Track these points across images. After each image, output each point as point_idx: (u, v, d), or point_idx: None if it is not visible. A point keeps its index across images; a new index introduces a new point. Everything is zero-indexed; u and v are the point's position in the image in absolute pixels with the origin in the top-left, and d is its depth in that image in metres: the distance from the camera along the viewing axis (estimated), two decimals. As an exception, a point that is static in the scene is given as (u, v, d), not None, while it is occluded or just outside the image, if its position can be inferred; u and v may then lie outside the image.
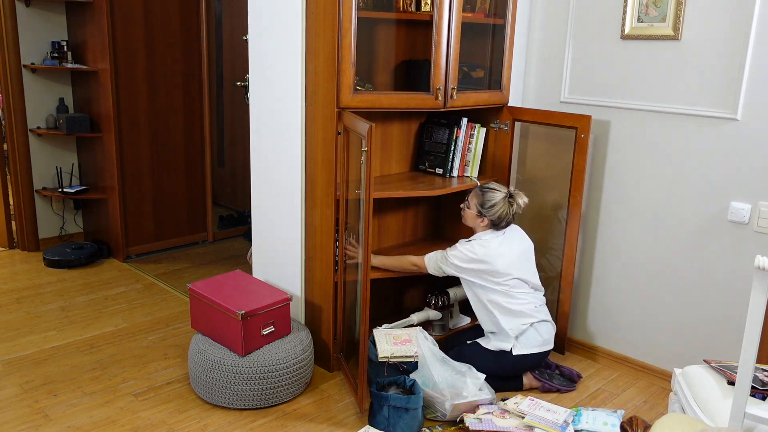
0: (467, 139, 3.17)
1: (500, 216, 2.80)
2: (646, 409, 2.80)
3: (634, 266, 3.03)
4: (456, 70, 2.86)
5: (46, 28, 4.22)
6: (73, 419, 2.56)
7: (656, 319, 2.99)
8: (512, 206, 2.81)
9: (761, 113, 2.58)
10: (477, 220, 2.85)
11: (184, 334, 3.33)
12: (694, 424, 1.85)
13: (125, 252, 4.35)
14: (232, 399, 2.63)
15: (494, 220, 2.81)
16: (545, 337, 2.84)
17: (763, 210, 2.62)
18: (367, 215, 2.39)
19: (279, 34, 2.83)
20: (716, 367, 2.19)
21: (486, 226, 2.84)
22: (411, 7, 2.84)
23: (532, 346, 2.81)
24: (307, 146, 2.83)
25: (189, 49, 4.43)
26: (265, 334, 2.68)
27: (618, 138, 3.01)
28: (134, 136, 4.26)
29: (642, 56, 2.88)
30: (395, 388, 2.62)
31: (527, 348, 2.80)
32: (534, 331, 2.82)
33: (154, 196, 4.45)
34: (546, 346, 2.85)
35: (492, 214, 2.80)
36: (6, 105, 4.22)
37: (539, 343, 2.82)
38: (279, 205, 3.02)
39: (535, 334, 2.82)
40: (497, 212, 2.80)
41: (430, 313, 3.09)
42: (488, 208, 2.80)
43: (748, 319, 1.72)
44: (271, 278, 3.15)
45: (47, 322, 3.42)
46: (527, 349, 2.80)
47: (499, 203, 2.80)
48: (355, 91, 2.66)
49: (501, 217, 2.81)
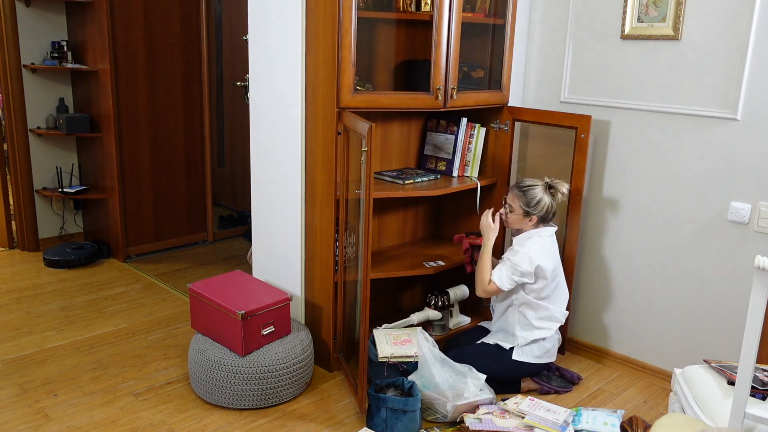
0: (467, 139, 3.17)
1: (548, 209, 2.77)
2: (646, 409, 2.80)
3: (634, 266, 3.03)
4: (456, 70, 2.86)
5: (46, 28, 4.22)
6: (73, 419, 2.56)
7: (656, 319, 2.99)
8: (555, 197, 2.77)
9: (761, 113, 2.58)
10: (525, 221, 2.79)
11: (184, 334, 3.33)
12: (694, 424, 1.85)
13: (125, 252, 4.35)
14: (232, 399, 2.63)
15: (543, 216, 2.77)
16: (548, 349, 2.84)
17: (763, 210, 2.62)
18: (367, 215, 2.39)
19: (279, 34, 2.83)
20: (716, 367, 2.19)
21: (535, 224, 2.79)
22: (411, 7, 2.84)
23: (533, 356, 2.81)
24: (307, 146, 2.84)
25: (189, 49, 4.43)
26: (265, 334, 2.68)
27: (618, 138, 3.01)
28: (134, 136, 4.26)
29: (642, 56, 2.88)
30: (393, 389, 2.62)
31: (527, 357, 2.80)
32: (538, 346, 2.82)
33: (154, 196, 4.45)
34: (547, 358, 2.85)
35: (540, 210, 2.76)
36: (6, 105, 4.22)
37: (540, 354, 2.82)
38: (279, 205, 3.02)
39: (538, 348, 2.82)
40: (545, 206, 2.76)
41: (430, 313, 3.09)
42: (535, 205, 2.75)
43: (748, 319, 1.72)
44: (271, 278, 3.15)
45: (47, 322, 3.42)
46: (527, 357, 2.80)
47: (544, 197, 2.76)
48: (355, 91, 2.66)
49: (549, 210, 2.77)
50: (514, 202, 2.80)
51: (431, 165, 3.25)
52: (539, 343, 2.81)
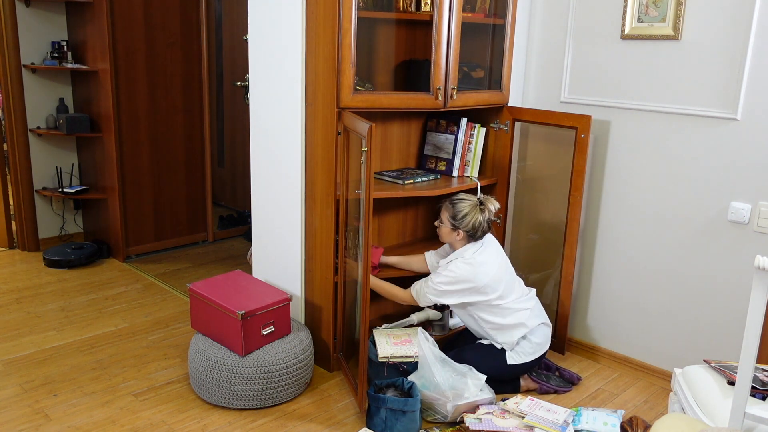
0: (467, 139, 3.17)
1: (474, 226, 2.72)
2: (646, 409, 2.80)
3: (634, 266, 3.03)
4: (456, 70, 2.86)
5: (46, 28, 4.22)
6: (73, 419, 2.57)
7: (656, 319, 2.99)
8: (484, 213, 2.73)
9: (761, 113, 2.58)
10: (453, 235, 2.78)
11: (184, 334, 3.33)
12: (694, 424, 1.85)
13: (125, 252, 4.35)
14: (232, 399, 2.63)
15: (469, 231, 2.74)
16: (538, 342, 2.82)
17: (763, 210, 2.62)
18: (367, 215, 2.39)
19: (279, 34, 2.83)
20: (716, 367, 2.19)
21: (462, 239, 2.77)
22: (411, 7, 2.84)
23: (526, 355, 2.80)
24: (307, 146, 2.84)
25: (189, 49, 4.43)
26: (265, 334, 2.68)
27: (618, 138, 3.01)
28: (134, 136, 4.26)
29: (642, 56, 2.88)
30: (393, 390, 2.62)
31: (521, 357, 2.80)
32: (527, 342, 2.80)
33: (154, 196, 4.45)
34: (539, 352, 2.84)
35: (465, 224, 2.72)
36: (6, 105, 4.22)
37: (532, 350, 2.81)
38: (279, 205, 3.02)
39: (527, 344, 2.80)
40: (470, 222, 2.72)
41: (430, 313, 3.09)
42: (460, 219, 2.73)
43: (748, 319, 1.72)
44: (271, 278, 3.15)
45: (47, 322, 3.42)
46: (521, 358, 2.80)
47: (471, 212, 2.72)
48: (355, 91, 2.66)
49: (475, 226, 2.72)
50: (443, 215, 2.80)
51: (431, 165, 3.25)
52: (527, 339, 2.80)
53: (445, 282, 2.72)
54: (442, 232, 2.83)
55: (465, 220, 2.72)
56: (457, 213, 2.74)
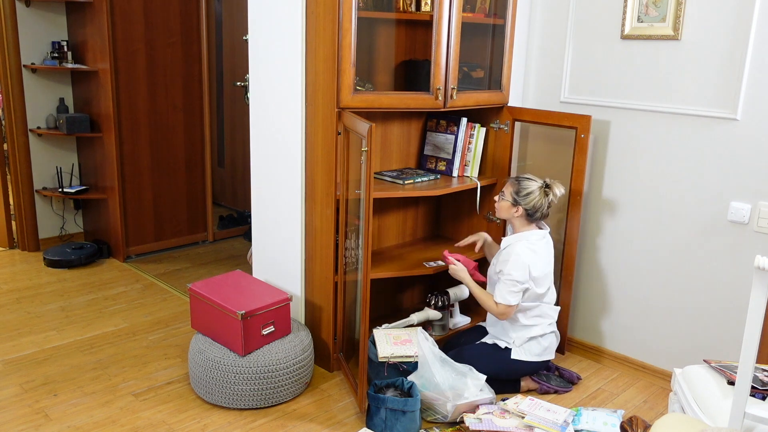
0: (467, 139, 3.17)
1: (535, 205, 2.74)
2: (646, 409, 2.80)
3: (634, 266, 3.03)
4: (456, 70, 2.86)
5: (46, 28, 4.22)
6: (73, 419, 2.56)
7: (656, 319, 2.99)
8: (548, 196, 2.76)
9: (761, 113, 2.58)
10: (512, 210, 2.78)
11: (184, 334, 3.33)
12: (694, 424, 1.85)
13: (125, 252, 4.35)
14: (232, 399, 2.63)
15: (529, 210, 2.75)
16: (546, 346, 2.84)
17: (763, 210, 2.62)
18: (367, 215, 2.39)
19: (279, 34, 2.83)
20: (716, 367, 2.19)
21: (521, 216, 2.78)
22: (411, 7, 2.84)
23: (532, 354, 2.81)
24: (307, 146, 2.84)
25: (189, 49, 4.43)
26: (265, 334, 2.68)
27: (618, 138, 3.01)
28: (134, 136, 4.26)
29: (642, 56, 2.88)
30: (393, 390, 2.62)
31: (526, 355, 2.80)
32: (535, 342, 2.82)
33: (154, 196, 4.45)
34: (546, 356, 2.85)
35: (527, 202, 2.74)
36: (6, 105, 4.22)
37: (539, 352, 2.83)
38: (279, 206, 3.02)
39: (536, 345, 2.82)
40: (532, 201, 2.74)
41: (430, 313, 3.09)
42: (524, 196, 2.74)
43: (748, 319, 1.72)
44: (271, 278, 3.15)
45: (47, 322, 3.42)
46: (526, 356, 2.80)
47: (535, 191, 2.74)
48: (355, 91, 2.66)
49: (536, 206, 2.75)
50: (507, 189, 2.81)
51: (431, 165, 3.25)
52: (537, 340, 2.81)
53: (517, 270, 2.69)
54: (501, 206, 2.82)
55: (528, 198, 2.74)
56: (521, 189, 2.76)
